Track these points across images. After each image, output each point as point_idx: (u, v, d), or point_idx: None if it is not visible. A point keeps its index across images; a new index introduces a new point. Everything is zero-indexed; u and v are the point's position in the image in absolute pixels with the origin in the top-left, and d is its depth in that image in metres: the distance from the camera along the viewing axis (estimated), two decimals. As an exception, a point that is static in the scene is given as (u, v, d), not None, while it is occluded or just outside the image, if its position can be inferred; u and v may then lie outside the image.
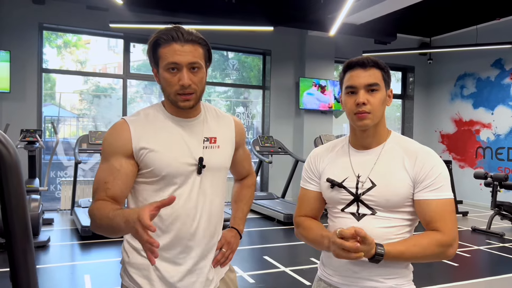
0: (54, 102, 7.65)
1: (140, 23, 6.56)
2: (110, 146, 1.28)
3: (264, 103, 8.35)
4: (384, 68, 1.34)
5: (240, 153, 1.50)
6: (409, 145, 1.34)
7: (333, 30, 6.57)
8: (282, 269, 4.03)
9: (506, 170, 7.68)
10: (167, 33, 1.23)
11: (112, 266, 4.13)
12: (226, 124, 1.42)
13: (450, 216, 1.25)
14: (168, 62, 1.23)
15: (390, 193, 1.28)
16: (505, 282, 3.88)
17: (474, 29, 7.89)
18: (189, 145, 1.30)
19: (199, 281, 1.32)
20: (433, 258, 1.26)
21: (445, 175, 1.28)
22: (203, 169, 1.30)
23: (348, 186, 1.32)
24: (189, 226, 1.30)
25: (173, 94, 1.26)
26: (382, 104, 1.31)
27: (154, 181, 1.28)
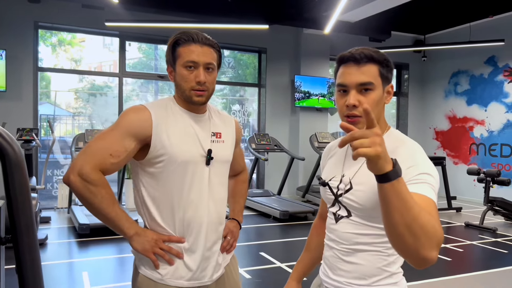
0: (49, 101, 7.65)
1: (136, 21, 6.57)
2: (129, 123, 1.33)
3: (260, 101, 8.39)
4: (382, 62, 1.18)
5: (237, 150, 1.61)
6: (396, 146, 1.18)
7: (328, 28, 6.62)
8: (278, 264, 4.08)
9: (499, 166, 7.78)
10: (188, 34, 1.35)
11: (110, 263, 4.17)
12: (228, 122, 1.55)
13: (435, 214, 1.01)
14: (188, 60, 1.34)
15: (364, 198, 1.16)
16: (497, 275, 3.95)
17: (468, 27, 7.96)
18: (199, 137, 1.40)
19: (211, 265, 1.42)
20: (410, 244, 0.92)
21: (428, 176, 1.08)
22: (211, 161, 1.40)
23: (332, 185, 1.25)
24: (201, 213, 1.39)
25: (188, 90, 1.36)
26: (377, 105, 1.16)
27: (167, 169, 1.35)
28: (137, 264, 1.42)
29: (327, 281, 1.28)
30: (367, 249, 1.18)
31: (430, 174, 1.08)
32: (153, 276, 1.37)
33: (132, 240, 1.34)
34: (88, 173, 1.26)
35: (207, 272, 1.41)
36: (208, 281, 1.43)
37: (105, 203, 1.28)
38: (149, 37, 7.47)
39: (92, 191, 1.27)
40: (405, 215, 0.90)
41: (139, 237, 1.34)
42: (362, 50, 1.17)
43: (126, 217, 1.34)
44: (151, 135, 1.33)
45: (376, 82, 1.16)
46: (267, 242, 4.92)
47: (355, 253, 1.20)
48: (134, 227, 1.35)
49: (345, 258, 1.22)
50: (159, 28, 6.90)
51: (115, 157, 1.30)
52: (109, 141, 1.31)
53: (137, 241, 1.34)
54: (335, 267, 1.25)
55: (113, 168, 1.32)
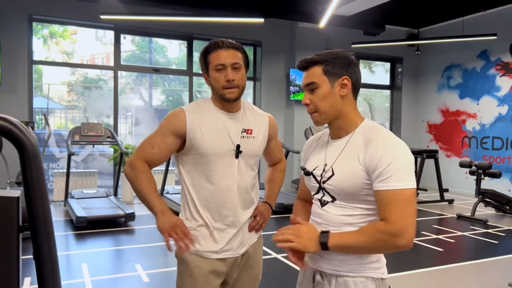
0: (42, 94, 7.62)
1: (131, 14, 6.55)
2: (167, 123, 1.61)
3: (255, 95, 8.42)
4: (326, 61, 1.33)
5: (273, 144, 1.82)
6: (370, 134, 1.29)
7: (323, 21, 6.65)
8: (274, 255, 4.15)
9: (490, 159, 7.90)
10: (214, 43, 1.59)
11: (108, 254, 4.22)
12: (261, 120, 1.74)
13: (399, 206, 1.18)
14: (217, 64, 1.57)
15: (344, 183, 1.29)
16: (488, 265, 4.06)
17: (461, 21, 8.03)
18: (230, 134, 1.62)
19: (237, 240, 1.66)
20: (381, 248, 1.25)
21: (398, 164, 1.20)
22: (240, 154, 1.62)
23: (316, 174, 1.38)
24: (230, 197, 1.61)
25: (221, 88, 1.58)
26: (325, 99, 1.32)
27: (202, 160, 1.59)
28: None
29: (319, 266, 1.36)
30: (352, 230, 1.29)
31: (394, 161, 1.21)
32: None
33: (157, 217, 1.54)
34: (134, 162, 1.59)
35: (234, 246, 1.65)
36: (236, 253, 1.66)
37: (143, 184, 1.56)
38: (144, 30, 7.46)
39: (134, 175, 1.57)
40: (356, 249, 1.27)
41: (163, 216, 1.53)
42: (306, 57, 1.39)
43: (158, 197, 1.57)
44: (186, 131, 1.57)
45: (320, 80, 1.33)
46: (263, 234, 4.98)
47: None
48: (162, 206, 1.56)
49: None
50: (154, 22, 6.90)
51: (156, 148, 1.59)
52: (152, 139, 1.62)
53: (160, 219, 1.53)
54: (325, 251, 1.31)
55: (157, 157, 1.60)
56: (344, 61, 1.34)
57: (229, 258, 1.65)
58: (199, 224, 1.62)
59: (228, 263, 1.66)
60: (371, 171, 1.24)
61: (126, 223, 5.33)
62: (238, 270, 1.71)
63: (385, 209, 1.20)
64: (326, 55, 1.35)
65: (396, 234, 1.18)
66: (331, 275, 1.33)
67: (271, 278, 3.61)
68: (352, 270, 1.31)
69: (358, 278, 1.30)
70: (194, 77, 7.90)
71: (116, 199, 6.14)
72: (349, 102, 1.35)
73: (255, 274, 1.79)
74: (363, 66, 9.71)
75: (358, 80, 1.36)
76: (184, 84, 8.29)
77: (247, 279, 1.75)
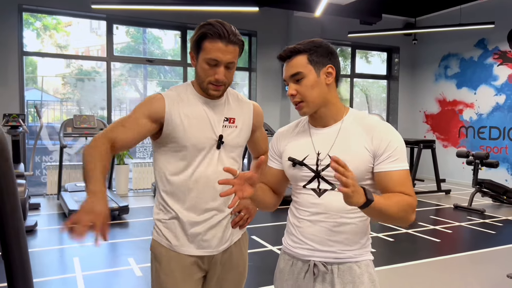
0: (36, 86, 7.52)
1: (123, 3, 6.43)
2: (144, 106, 1.47)
3: (251, 86, 8.33)
4: (310, 49, 1.33)
5: (258, 134, 1.70)
6: (367, 121, 1.35)
7: (319, 10, 6.54)
8: (270, 248, 4.11)
9: (487, 149, 7.87)
10: (215, 30, 1.40)
11: (100, 248, 4.16)
12: (245, 108, 1.61)
13: (410, 185, 1.29)
14: (211, 57, 1.41)
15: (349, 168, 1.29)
16: (485, 256, 4.03)
17: (458, 10, 7.93)
18: (211, 122, 1.50)
19: (217, 236, 1.53)
20: (402, 219, 1.26)
21: (401, 148, 1.30)
22: (221, 145, 1.50)
23: (309, 163, 1.35)
24: (211, 188, 1.49)
25: (207, 82, 1.46)
26: (312, 88, 1.32)
27: (180, 149, 1.47)
28: (153, 231, 1.57)
29: (316, 255, 1.35)
30: (355, 216, 1.32)
31: (399, 145, 1.30)
32: (162, 241, 1.52)
33: (87, 195, 1.26)
34: (96, 139, 1.40)
35: (212, 242, 1.53)
36: (214, 251, 1.54)
37: (90, 159, 1.34)
38: (137, 20, 7.33)
39: (88, 151, 1.36)
40: (387, 218, 1.23)
41: (91, 198, 1.24)
42: (289, 46, 1.36)
43: (100, 177, 1.30)
44: (164, 116, 1.45)
45: (306, 70, 1.32)
46: (258, 226, 4.94)
47: (346, 220, 1.33)
48: (98, 187, 1.28)
49: (336, 228, 1.33)
50: (147, 11, 6.77)
51: (128, 128, 1.43)
52: (125, 118, 1.48)
53: (87, 200, 1.23)
54: (325, 240, 1.34)
55: (125, 137, 1.43)
56: (326, 50, 1.35)
57: (207, 255, 1.54)
58: (171, 216, 1.51)
59: (206, 260, 1.55)
60: (379, 154, 1.29)
61: (120, 216, 5.26)
62: (221, 268, 1.59)
63: (401, 185, 1.27)
64: (308, 44, 1.34)
65: (415, 208, 1.27)
66: (333, 263, 1.34)
67: (267, 270, 3.57)
68: (354, 255, 1.34)
69: (361, 261, 1.35)
70: (188, 68, 7.79)
71: (110, 191, 6.07)
72: (333, 90, 1.37)
73: (240, 273, 1.65)
74: (359, 56, 9.62)
75: (340, 69, 1.39)
76: (180, 76, 8.19)
77: (232, 279, 1.62)
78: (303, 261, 1.38)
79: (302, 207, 1.38)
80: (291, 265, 1.42)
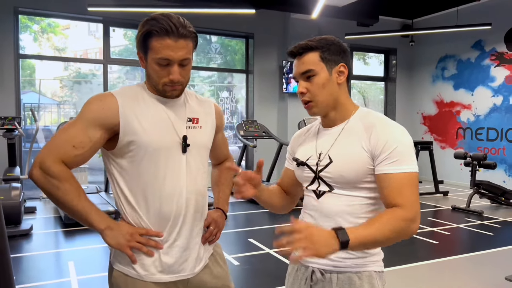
0: (34, 89, 7.48)
1: (119, 6, 6.41)
2: (92, 113, 1.25)
3: (248, 87, 8.31)
4: (323, 47, 1.27)
5: (219, 137, 1.54)
6: (369, 119, 1.27)
7: (316, 12, 6.54)
8: (267, 251, 4.08)
9: (485, 150, 7.85)
10: (161, 26, 1.21)
11: (96, 252, 4.13)
12: (207, 107, 1.46)
13: (410, 190, 1.16)
14: (161, 57, 1.23)
15: (345, 168, 1.23)
16: (483, 258, 4.00)
17: (455, 11, 7.93)
18: (174, 123, 1.33)
19: (191, 258, 1.36)
20: (397, 237, 1.14)
21: (403, 149, 1.19)
22: (187, 148, 1.33)
23: (310, 164, 1.32)
24: (179, 204, 1.32)
25: (161, 85, 1.28)
26: (323, 87, 1.26)
27: (141, 157, 1.28)
28: (112, 260, 1.37)
29: (316, 262, 1.27)
30: (352, 220, 1.23)
31: (399, 145, 1.20)
32: (129, 272, 1.32)
33: (104, 235, 1.27)
34: (49, 166, 1.20)
35: (187, 265, 1.36)
36: (190, 274, 1.37)
37: (69, 196, 1.22)
38: (134, 22, 7.29)
39: (54, 184, 1.20)
40: (379, 244, 1.17)
41: (112, 231, 1.26)
42: (300, 43, 1.29)
43: (95, 210, 1.26)
44: (119, 122, 1.25)
45: (317, 68, 1.26)
46: (255, 229, 4.91)
47: (345, 225, 1.21)
48: (106, 220, 1.27)
49: None
50: (144, 13, 6.72)
51: (79, 148, 1.23)
52: (72, 133, 1.24)
53: (110, 236, 1.26)
54: None
55: (78, 160, 1.25)
56: (339, 48, 1.30)
57: (184, 280, 1.36)
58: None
59: (181, 286, 1.36)
60: (377, 155, 1.21)
61: (116, 219, 5.21)
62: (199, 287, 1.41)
63: (397, 193, 1.17)
64: (321, 41, 1.28)
65: (412, 219, 1.15)
66: (331, 271, 1.26)
67: (264, 273, 3.54)
68: (355, 265, 1.25)
69: (363, 272, 1.25)
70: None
71: (107, 195, 6.04)
72: (344, 90, 1.33)
73: (224, 285, 1.47)
74: (357, 58, 9.62)
75: (352, 68, 1.35)
76: (176, 78, 8.16)
77: None
78: (305, 267, 1.33)
79: (305, 209, 1.36)
80: (296, 270, 1.38)
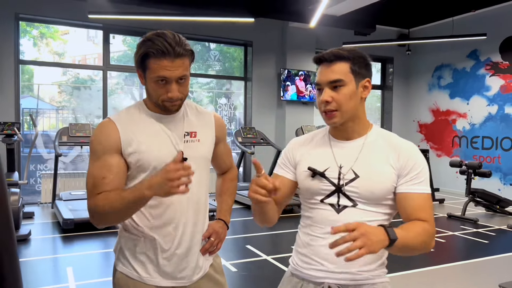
0: (32, 94, 7.50)
1: (120, 13, 6.47)
2: (100, 145, 1.31)
3: (246, 94, 8.37)
4: (354, 59, 1.26)
5: (221, 147, 1.56)
6: (392, 139, 1.31)
7: (314, 21, 6.62)
8: (264, 257, 4.11)
9: (480, 158, 7.92)
10: (157, 48, 1.24)
11: (94, 258, 4.14)
12: (206, 120, 1.48)
13: (431, 209, 1.25)
14: (158, 76, 1.27)
15: (374, 185, 1.24)
16: (478, 265, 4.05)
17: (451, 21, 8.05)
18: (171, 139, 1.37)
19: (190, 267, 1.40)
20: (423, 248, 1.21)
21: (426, 171, 1.26)
22: (185, 162, 1.33)
23: (330, 176, 1.27)
24: (180, 214, 1.37)
25: (161, 101, 1.32)
26: (350, 99, 1.25)
27: (143, 173, 1.34)
28: (116, 262, 1.43)
29: (331, 277, 1.25)
30: None
31: (424, 167, 1.27)
32: (131, 274, 1.37)
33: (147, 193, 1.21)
34: (93, 206, 1.28)
35: (186, 273, 1.40)
36: (188, 282, 1.41)
37: (112, 205, 1.25)
38: (134, 29, 7.37)
39: (103, 211, 1.26)
40: (409, 251, 1.18)
41: (153, 188, 1.20)
42: (332, 50, 1.27)
43: (129, 191, 1.25)
44: (121, 146, 1.32)
45: (347, 78, 1.25)
46: (253, 235, 4.94)
47: None
48: (139, 188, 1.23)
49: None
50: (143, 21, 6.81)
51: (108, 178, 1.28)
52: (96, 170, 1.30)
53: (156, 192, 1.20)
54: (341, 260, 1.16)
55: (115, 184, 1.29)
56: (367, 62, 1.30)
57: (182, 287, 1.41)
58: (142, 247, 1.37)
59: None
60: (404, 174, 1.25)
61: (114, 226, 5.24)
62: None
63: (421, 210, 1.23)
64: (352, 52, 1.27)
65: (434, 235, 1.23)
66: (348, 285, 1.25)
67: (261, 280, 3.57)
68: (372, 277, 1.27)
69: (379, 283, 1.28)
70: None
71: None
72: (363, 105, 1.33)
73: None
74: (354, 66, 9.68)
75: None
76: (175, 84, 8.19)
77: None
78: (315, 284, 1.28)
79: (317, 224, 1.29)
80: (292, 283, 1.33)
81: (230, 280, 3.45)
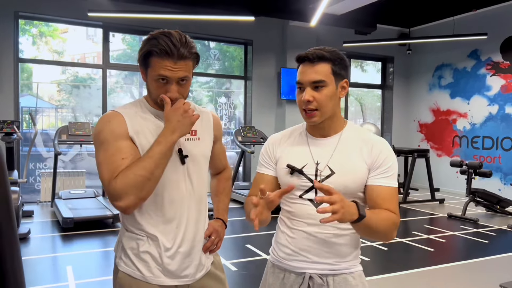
0: (31, 93, 7.48)
1: (119, 12, 6.45)
2: (112, 133, 1.28)
3: (246, 94, 8.35)
4: (335, 60, 1.30)
5: (218, 147, 1.58)
6: (365, 135, 1.37)
7: (314, 20, 6.60)
8: (264, 256, 4.10)
9: (481, 158, 7.92)
10: (161, 48, 1.24)
11: (94, 256, 4.13)
12: (205, 118, 1.50)
13: (397, 202, 1.32)
14: (159, 74, 1.27)
15: (348, 180, 1.30)
16: (479, 265, 4.04)
17: (452, 20, 8.03)
18: None
19: (193, 264, 1.41)
20: (384, 235, 1.28)
21: (395, 166, 1.33)
22: (186, 159, 1.37)
23: (307, 172, 1.33)
24: (182, 212, 1.37)
25: (159, 99, 1.32)
26: (330, 99, 1.31)
27: None
28: (117, 261, 1.41)
29: (312, 268, 1.33)
30: (350, 227, 1.28)
31: (394, 163, 1.34)
32: (134, 273, 1.36)
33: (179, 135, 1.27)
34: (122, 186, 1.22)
35: (189, 271, 1.40)
36: (190, 280, 1.41)
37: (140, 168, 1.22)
38: (134, 28, 7.35)
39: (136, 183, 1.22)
40: (373, 233, 1.24)
41: (175, 130, 1.26)
42: (315, 50, 1.31)
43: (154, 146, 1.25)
44: (129, 134, 1.31)
45: (328, 79, 1.30)
46: (252, 235, 4.93)
47: (342, 232, 1.33)
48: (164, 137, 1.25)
49: (332, 240, 1.32)
50: (143, 19, 6.79)
51: (127, 158, 1.26)
52: (112, 155, 1.26)
53: (180, 130, 1.26)
54: (321, 252, 1.32)
55: None
56: (345, 64, 1.35)
57: (184, 285, 1.40)
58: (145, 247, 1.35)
59: None
60: (374, 168, 1.31)
61: (113, 224, 5.23)
62: None
63: (389, 201, 1.29)
64: (333, 53, 1.31)
65: (398, 226, 1.30)
66: (328, 275, 1.33)
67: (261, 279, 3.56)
68: (349, 266, 1.34)
69: (355, 272, 1.35)
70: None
71: (104, 199, 6.04)
72: (339, 103, 1.39)
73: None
74: (354, 66, 9.69)
75: None
76: (175, 83, 8.18)
77: None
78: (296, 274, 1.35)
79: (297, 218, 1.35)
80: (282, 278, 1.38)
81: (230, 279, 3.43)
